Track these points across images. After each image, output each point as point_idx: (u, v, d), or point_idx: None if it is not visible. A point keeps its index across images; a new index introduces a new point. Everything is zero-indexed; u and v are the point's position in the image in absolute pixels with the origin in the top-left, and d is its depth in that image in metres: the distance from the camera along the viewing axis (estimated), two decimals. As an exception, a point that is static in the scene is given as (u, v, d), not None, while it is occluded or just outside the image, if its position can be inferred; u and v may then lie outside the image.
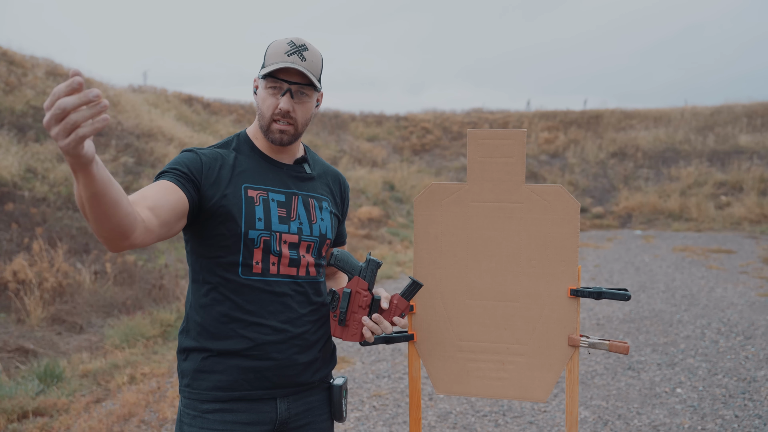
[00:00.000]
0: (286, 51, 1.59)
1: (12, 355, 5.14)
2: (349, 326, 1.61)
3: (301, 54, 1.60)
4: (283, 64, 1.57)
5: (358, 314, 1.59)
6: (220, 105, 19.43)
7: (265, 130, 1.63)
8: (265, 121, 1.62)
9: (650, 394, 4.43)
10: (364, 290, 1.59)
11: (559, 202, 1.73)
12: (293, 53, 1.59)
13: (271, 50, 1.61)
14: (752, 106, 19.85)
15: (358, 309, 1.59)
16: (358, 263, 1.62)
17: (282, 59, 1.58)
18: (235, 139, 1.70)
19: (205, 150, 1.63)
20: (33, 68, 13.21)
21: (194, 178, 1.54)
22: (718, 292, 7.58)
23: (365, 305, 1.59)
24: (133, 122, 13.12)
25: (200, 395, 1.59)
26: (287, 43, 1.61)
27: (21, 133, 10.57)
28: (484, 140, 1.76)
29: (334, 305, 1.61)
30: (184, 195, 1.49)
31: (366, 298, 1.59)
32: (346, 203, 1.86)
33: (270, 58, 1.60)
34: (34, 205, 8.48)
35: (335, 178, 1.82)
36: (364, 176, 16.25)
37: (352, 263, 1.62)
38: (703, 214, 14.66)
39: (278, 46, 1.61)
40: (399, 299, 1.60)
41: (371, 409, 4.25)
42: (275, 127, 1.61)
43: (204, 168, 1.56)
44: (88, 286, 6.76)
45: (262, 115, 1.63)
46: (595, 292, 1.70)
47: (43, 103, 11.66)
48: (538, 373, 1.76)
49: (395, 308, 1.60)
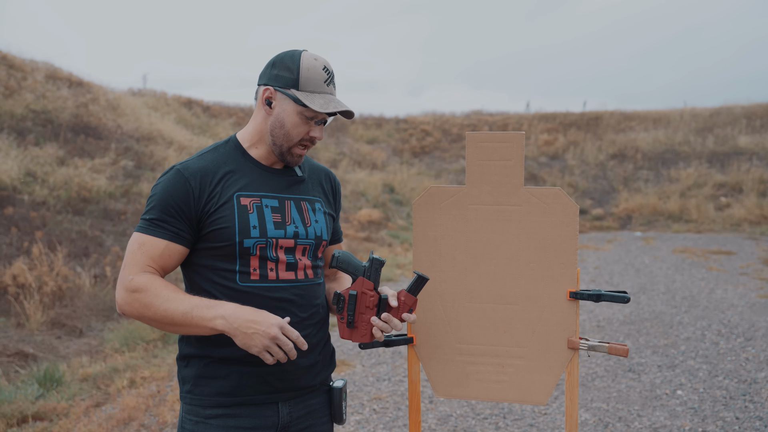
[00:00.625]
0: (324, 80, 1.57)
1: (12, 360, 5.14)
2: (358, 328, 1.58)
3: (334, 82, 1.61)
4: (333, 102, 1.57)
5: (366, 315, 1.57)
6: (219, 108, 19.45)
7: (284, 150, 1.61)
8: (289, 144, 1.60)
9: (651, 396, 4.43)
10: (370, 290, 1.57)
11: (558, 205, 1.73)
12: (330, 82, 1.59)
13: (308, 74, 1.56)
14: (751, 108, 19.87)
15: (366, 310, 1.57)
16: (361, 263, 1.59)
17: (323, 89, 1.57)
18: (224, 145, 1.66)
19: (194, 166, 1.58)
20: (33, 72, 13.22)
21: (188, 216, 1.56)
22: (719, 294, 7.57)
23: (372, 305, 1.57)
24: (133, 125, 13.12)
25: (202, 401, 1.59)
26: (322, 69, 1.58)
27: (21, 137, 10.57)
28: (482, 143, 1.76)
29: (341, 308, 1.59)
30: (185, 247, 1.57)
31: (373, 298, 1.57)
32: (339, 200, 1.84)
33: (308, 83, 1.56)
34: (34, 209, 8.48)
35: (326, 177, 1.80)
36: (364, 179, 16.24)
37: (355, 264, 1.59)
38: (702, 215, 14.66)
39: (315, 71, 1.57)
40: (406, 295, 1.58)
41: (371, 412, 4.25)
42: (297, 151, 1.61)
43: (195, 194, 1.55)
44: (88, 290, 6.76)
45: (287, 138, 1.59)
46: (595, 295, 1.70)
47: (42, 106, 11.69)
48: (538, 376, 1.76)
49: (403, 305, 1.58)
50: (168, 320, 1.47)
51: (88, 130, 11.89)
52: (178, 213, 1.54)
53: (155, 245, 1.53)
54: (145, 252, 1.52)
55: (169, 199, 1.54)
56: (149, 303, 1.47)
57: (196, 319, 1.45)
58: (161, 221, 1.54)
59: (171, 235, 1.54)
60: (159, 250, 1.53)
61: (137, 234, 1.55)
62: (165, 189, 1.56)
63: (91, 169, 10.35)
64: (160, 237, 1.53)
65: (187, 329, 1.48)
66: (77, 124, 11.93)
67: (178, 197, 1.54)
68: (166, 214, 1.54)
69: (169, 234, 1.54)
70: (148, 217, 1.55)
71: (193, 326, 1.46)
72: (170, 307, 1.46)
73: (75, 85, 13.77)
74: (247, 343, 1.43)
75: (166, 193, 1.55)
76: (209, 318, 1.44)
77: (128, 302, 1.50)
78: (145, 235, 1.54)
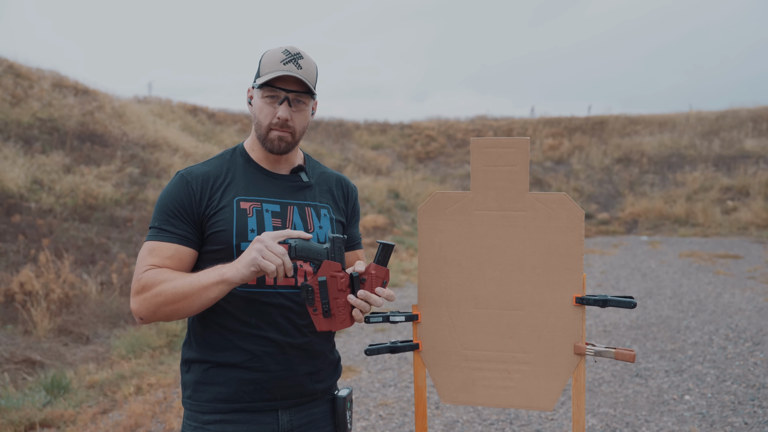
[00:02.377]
0: (282, 60, 1.59)
1: (19, 367, 5.15)
2: (335, 315, 1.49)
3: (297, 62, 1.60)
4: (280, 72, 1.57)
5: (341, 298, 1.48)
6: (224, 115, 19.52)
7: (263, 138, 1.63)
8: (262, 130, 1.62)
9: (658, 402, 4.41)
10: (338, 272, 1.48)
11: (563, 210, 1.73)
12: (289, 62, 1.59)
13: (266, 59, 1.61)
14: (757, 111, 19.80)
15: (339, 293, 1.48)
16: (322, 246, 1.49)
17: (278, 68, 1.58)
18: (230, 152, 1.70)
19: (198, 171, 1.62)
20: (39, 80, 13.30)
21: (191, 218, 1.57)
22: (726, 298, 7.54)
23: (345, 287, 1.48)
24: (139, 133, 13.18)
25: (201, 407, 1.59)
26: (282, 51, 1.61)
27: (27, 145, 10.63)
28: (487, 149, 1.76)
29: (311, 299, 1.47)
30: (193, 249, 1.58)
31: (344, 280, 1.48)
32: (352, 206, 1.82)
33: (265, 68, 1.60)
34: (41, 217, 8.52)
35: (338, 183, 1.79)
36: (369, 184, 16.25)
37: (315, 249, 1.48)
38: (709, 219, 14.60)
39: (273, 55, 1.61)
40: (376, 267, 1.51)
41: (378, 418, 4.24)
42: (273, 134, 1.61)
43: (196, 197, 1.58)
44: (95, 297, 6.78)
45: (259, 124, 1.62)
46: (601, 300, 1.70)
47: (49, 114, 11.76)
48: (544, 382, 1.75)
49: (375, 278, 1.51)
50: (179, 296, 1.46)
51: (94, 138, 11.94)
52: (182, 216, 1.56)
53: (165, 249, 1.54)
54: (156, 256, 1.53)
55: (173, 203, 1.57)
56: (158, 291, 1.47)
57: (204, 281, 1.45)
58: (168, 225, 1.56)
59: (179, 238, 1.55)
60: (169, 254, 1.54)
61: (147, 243, 1.56)
62: (169, 194, 1.59)
63: (97, 176, 10.39)
64: (169, 241, 1.55)
65: (199, 297, 1.46)
66: (83, 131, 11.99)
67: (181, 200, 1.57)
68: (172, 218, 1.56)
69: (177, 237, 1.55)
70: (156, 225, 1.57)
71: (204, 289, 1.45)
72: (177, 284, 1.46)
73: (81, 93, 13.85)
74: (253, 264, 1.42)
75: (169, 198, 1.58)
76: (216, 276, 1.45)
77: (139, 302, 1.50)
78: (154, 242, 1.55)
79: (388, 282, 1.54)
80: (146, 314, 1.50)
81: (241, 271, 1.42)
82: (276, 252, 1.41)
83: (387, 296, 1.51)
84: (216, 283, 1.45)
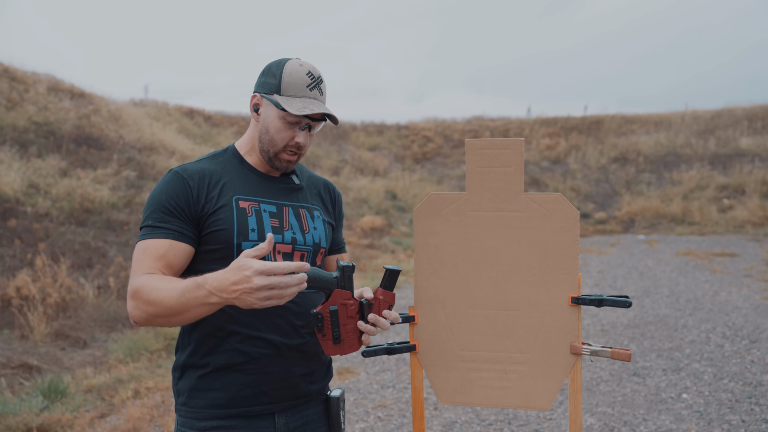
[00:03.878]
0: (308, 84, 1.56)
1: (16, 372, 5.14)
2: (344, 340, 1.53)
3: (320, 88, 1.59)
4: (311, 102, 1.55)
5: (350, 325, 1.52)
6: (221, 117, 19.50)
7: (271, 156, 1.60)
8: (275, 150, 1.59)
9: (656, 400, 4.41)
10: (348, 300, 1.51)
11: (558, 210, 1.73)
12: (314, 87, 1.57)
13: (289, 78, 1.56)
14: (753, 109, 19.87)
15: (348, 320, 1.52)
16: (331, 275, 1.51)
17: (304, 93, 1.56)
18: (223, 152, 1.67)
19: (193, 168, 1.58)
20: (35, 84, 13.28)
21: (188, 215, 1.53)
22: (723, 296, 7.55)
23: (354, 314, 1.52)
24: (135, 136, 13.16)
25: (197, 414, 1.57)
26: (306, 74, 1.57)
27: (23, 149, 10.61)
28: (482, 150, 1.76)
29: (321, 326, 1.50)
30: (189, 245, 1.53)
31: (353, 307, 1.51)
32: (339, 210, 1.84)
33: (290, 88, 1.56)
34: (37, 221, 8.50)
35: (325, 187, 1.81)
36: (366, 186, 16.26)
37: (326, 279, 1.49)
38: (705, 217, 14.64)
39: (297, 75, 1.57)
40: (384, 293, 1.55)
41: (376, 419, 4.24)
42: (285, 157, 1.60)
43: (193, 194, 1.54)
44: (92, 301, 6.77)
45: (272, 143, 1.59)
46: (596, 300, 1.70)
47: (44, 118, 11.74)
48: (541, 382, 1.75)
49: (383, 303, 1.54)
50: (170, 312, 1.38)
51: (90, 141, 11.93)
52: (179, 212, 1.52)
53: (158, 246, 1.49)
54: (149, 255, 1.48)
55: (168, 199, 1.52)
56: (150, 300, 1.39)
57: (192, 302, 1.34)
58: (162, 222, 1.51)
59: (173, 233, 1.51)
60: (162, 250, 1.49)
61: (140, 242, 1.51)
62: (163, 190, 1.54)
63: (93, 180, 10.38)
64: (163, 237, 1.50)
65: (191, 315, 1.38)
66: (79, 135, 11.98)
67: (177, 197, 1.53)
68: (166, 215, 1.51)
69: (171, 233, 1.50)
70: (149, 223, 1.52)
71: (194, 309, 1.36)
72: (165, 298, 1.37)
73: (77, 97, 13.83)
74: (247, 305, 1.30)
75: (164, 194, 1.53)
76: (203, 297, 1.33)
77: (133, 308, 1.44)
78: (148, 240, 1.50)
79: (394, 305, 1.58)
80: (140, 321, 1.46)
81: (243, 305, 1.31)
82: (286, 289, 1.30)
83: (393, 318, 1.55)
84: (210, 306, 1.36)
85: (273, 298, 1.28)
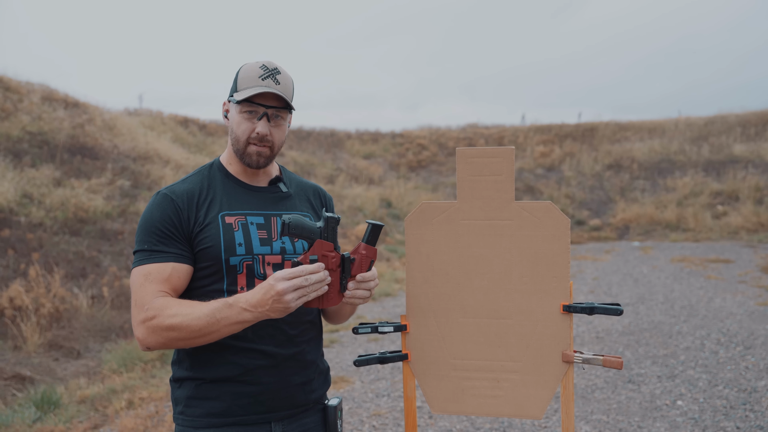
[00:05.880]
0: (260, 75, 1.59)
1: (8, 383, 5.11)
2: (324, 293, 1.48)
3: (275, 77, 1.61)
4: (260, 89, 1.57)
5: (331, 277, 1.48)
6: (216, 126, 19.50)
7: (240, 153, 1.62)
8: (240, 145, 1.61)
9: (651, 407, 4.41)
10: (330, 252, 1.49)
11: (549, 219, 1.74)
12: (267, 77, 1.60)
13: (243, 74, 1.61)
14: (746, 116, 19.98)
15: (330, 273, 1.48)
16: (315, 225, 1.49)
17: (256, 83, 1.58)
18: (208, 168, 1.69)
19: (180, 189, 1.60)
20: (28, 94, 13.26)
21: (183, 235, 1.56)
22: (717, 303, 7.57)
23: (336, 267, 1.49)
24: (129, 145, 13.15)
25: (194, 422, 1.58)
26: (260, 67, 1.61)
27: (17, 158, 10.58)
28: (473, 158, 1.77)
29: None
30: (189, 266, 1.56)
31: (335, 260, 1.49)
32: None
33: (243, 83, 1.60)
34: (31, 231, 8.47)
35: (315, 192, 1.81)
36: (361, 194, 16.27)
37: (309, 227, 1.48)
38: (700, 224, 14.69)
39: (250, 70, 1.61)
40: (366, 247, 1.53)
41: (371, 428, 4.22)
42: (252, 149, 1.61)
43: (183, 215, 1.56)
44: (86, 311, 6.74)
45: (237, 139, 1.62)
46: (588, 308, 1.70)
47: (38, 128, 11.72)
48: (533, 390, 1.75)
49: (364, 258, 1.53)
50: (196, 334, 1.43)
51: (84, 151, 11.91)
52: (174, 234, 1.54)
53: (162, 270, 1.51)
54: (153, 280, 1.50)
55: (161, 223, 1.54)
56: (172, 325, 1.43)
57: (224, 322, 1.42)
58: (159, 245, 1.53)
59: (174, 256, 1.53)
60: (166, 274, 1.51)
61: (139, 268, 1.52)
62: (155, 214, 1.56)
63: (87, 189, 10.36)
64: (165, 261, 1.52)
65: (219, 334, 1.44)
66: (73, 144, 11.96)
67: (170, 219, 1.55)
68: (163, 238, 1.53)
69: (172, 256, 1.53)
70: (144, 248, 1.53)
71: (224, 329, 1.43)
72: (192, 321, 1.42)
73: (71, 106, 13.81)
74: (283, 311, 1.40)
75: (157, 218, 1.55)
76: (235, 315, 1.41)
77: (147, 333, 1.46)
78: (149, 265, 1.51)
79: (375, 260, 1.57)
80: (155, 345, 1.47)
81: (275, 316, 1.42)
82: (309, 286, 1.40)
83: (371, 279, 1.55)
84: (241, 324, 1.44)
85: (305, 294, 1.40)
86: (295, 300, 1.38)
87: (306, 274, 1.39)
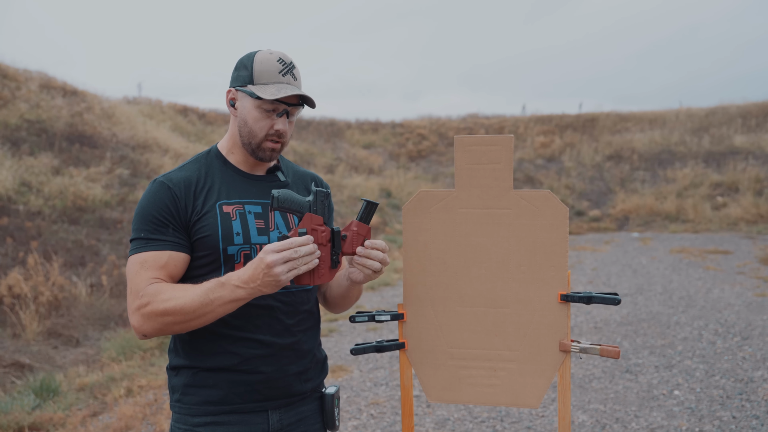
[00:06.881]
0: (279, 70, 1.56)
1: (8, 370, 5.12)
2: (314, 269, 1.47)
3: (293, 73, 1.58)
4: (286, 87, 1.54)
5: (321, 252, 1.46)
6: (215, 115, 19.44)
7: (254, 147, 1.59)
8: (256, 140, 1.58)
9: (648, 397, 4.43)
10: (320, 225, 1.47)
11: (547, 208, 1.73)
12: (286, 72, 1.57)
13: (261, 67, 1.56)
14: (747, 107, 19.92)
15: (320, 247, 1.46)
16: (304, 198, 1.48)
17: (277, 79, 1.56)
18: (205, 155, 1.67)
19: (177, 177, 1.58)
20: (27, 81, 13.21)
21: (180, 224, 1.54)
22: (716, 293, 7.58)
23: (326, 241, 1.47)
24: (128, 134, 13.11)
25: (191, 410, 1.58)
26: (277, 60, 1.57)
27: (15, 146, 10.56)
28: (471, 147, 1.75)
29: None
30: (186, 254, 1.55)
31: (325, 234, 1.47)
32: (328, 203, 1.82)
33: (262, 76, 1.56)
34: (29, 219, 8.47)
35: (312, 181, 1.79)
36: (361, 184, 16.25)
37: (298, 201, 1.46)
38: (699, 215, 14.68)
39: (268, 63, 1.56)
40: (358, 225, 1.52)
41: (369, 417, 4.24)
42: (268, 146, 1.59)
43: (181, 203, 1.55)
44: (84, 299, 6.75)
45: (252, 134, 1.58)
46: (585, 297, 1.70)
47: (37, 116, 11.68)
48: (530, 379, 1.75)
49: (356, 235, 1.51)
50: (191, 317, 1.42)
51: (83, 139, 11.88)
52: (171, 222, 1.53)
53: (158, 258, 1.50)
54: (149, 267, 1.48)
55: (158, 211, 1.52)
56: (166, 310, 1.42)
57: (218, 301, 1.41)
58: (156, 233, 1.51)
59: (171, 244, 1.51)
60: (162, 261, 1.50)
61: (135, 256, 1.50)
62: (152, 202, 1.54)
63: (86, 178, 10.34)
64: (161, 249, 1.50)
65: (215, 314, 1.43)
66: (72, 133, 11.92)
67: (167, 207, 1.53)
68: (159, 226, 1.52)
69: (169, 244, 1.51)
70: (141, 236, 1.52)
71: (218, 309, 1.42)
72: (186, 304, 1.41)
73: (69, 94, 13.76)
74: (275, 285, 1.38)
75: (154, 206, 1.53)
76: (228, 294, 1.40)
77: (142, 320, 1.45)
78: (145, 253, 1.50)
79: (368, 238, 1.55)
80: (151, 332, 1.46)
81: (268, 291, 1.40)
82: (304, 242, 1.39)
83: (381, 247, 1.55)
84: (236, 302, 1.42)
85: (295, 267, 1.37)
86: (285, 273, 1.36)
87: (295, 246, 1.37)
